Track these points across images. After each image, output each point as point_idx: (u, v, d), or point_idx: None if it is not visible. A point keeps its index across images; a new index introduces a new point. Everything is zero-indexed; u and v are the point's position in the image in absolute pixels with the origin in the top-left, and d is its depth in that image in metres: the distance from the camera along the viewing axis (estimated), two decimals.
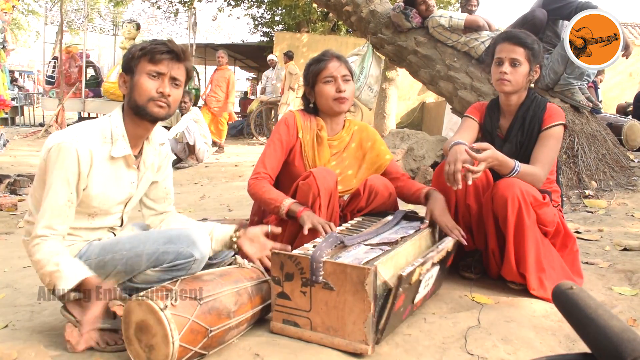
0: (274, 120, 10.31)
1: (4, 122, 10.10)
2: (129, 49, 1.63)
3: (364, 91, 4.75)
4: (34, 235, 1.49)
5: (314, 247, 1.60)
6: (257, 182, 2.01)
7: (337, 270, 1.45)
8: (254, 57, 17.05)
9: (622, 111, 7.15)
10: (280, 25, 15.11)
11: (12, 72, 16.46)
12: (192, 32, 11.70)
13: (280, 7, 13.96)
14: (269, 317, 1.61)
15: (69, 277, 1.44)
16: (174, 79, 1.60)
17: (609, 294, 1.99)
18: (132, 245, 1.58)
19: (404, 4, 4.63)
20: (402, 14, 4.56)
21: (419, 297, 1.70)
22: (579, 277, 2.04)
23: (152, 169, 1.74)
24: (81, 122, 1.71)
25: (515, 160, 1.90)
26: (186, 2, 14.03)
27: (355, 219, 2.00)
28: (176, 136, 6.58)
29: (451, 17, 4.32)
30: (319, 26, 14.20)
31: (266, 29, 15.96)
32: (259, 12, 15.85)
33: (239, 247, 1.72)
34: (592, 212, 3.30)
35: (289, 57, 9.64)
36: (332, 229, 1.78)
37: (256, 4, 15.08)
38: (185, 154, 6.83)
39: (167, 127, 6.66)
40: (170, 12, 14.78)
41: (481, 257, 2.12)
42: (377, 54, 4.94)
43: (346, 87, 2.08)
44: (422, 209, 2.04)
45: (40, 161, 1.57)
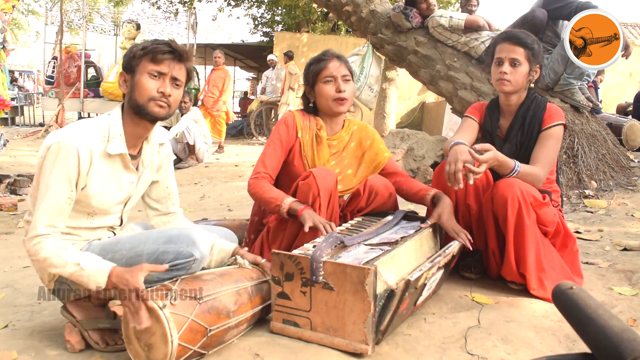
0: (274, 120, 10.31)
1: (4, 122, 10.09)
2: (131, 48, 1.63)
3: (364, 91, 4.75)
4: (34, 234, 1.48)
5: (314, 247, 1.60)
6: (257, 182, 2.01)
7: (337, 270, 1.45)
8: (254, 57, 17.05)
9: (622, 111, 7.15)
10: (280, 25, 15.11)
11: (12, 72, 16.47)
12: (192, 32, 11.71)
13: (280, 7, 13.97)
14: (269, 317, 1.61)
15: (97, 275, 1.43)
16: (174, 79, 1.60)
17: (609, 294, 1.99)
18: (132, 244, 1.57)
19: (404, 4, 4.63)
20: (402, 14, 4.56)
21: (421, 299, 1.70)
22: (579, 277, 2.04)
23: (151, 169, 1.74)
24: (80, 120, 1.71)
25: (515, 160, 1.90)
26: (186, 2, 14.02)
27: (355, 219, 2.00)
28: (176, 136, 6.57)
29: (451, 17, 4.31)
30: (319, 26, 14.20)
31: (266, 29, 15.96)
32: (259, 12, 15.88)
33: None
34: (592, 212, 3.30)
35: (289, 57, 9.64)
36: (332, 229, 1.78)
37: (256, 4, 15.08)
38: (185, 154, 6.83)
39: (167, 127, 6.66)
40: (170, 12, 14.79)
41: (481, 257, 2.12)
42: (377, 54, 4.94)
43: (346, 87, 2.08)
44: (422, 209, 2.04)
45: (38, 159, 1.56)
